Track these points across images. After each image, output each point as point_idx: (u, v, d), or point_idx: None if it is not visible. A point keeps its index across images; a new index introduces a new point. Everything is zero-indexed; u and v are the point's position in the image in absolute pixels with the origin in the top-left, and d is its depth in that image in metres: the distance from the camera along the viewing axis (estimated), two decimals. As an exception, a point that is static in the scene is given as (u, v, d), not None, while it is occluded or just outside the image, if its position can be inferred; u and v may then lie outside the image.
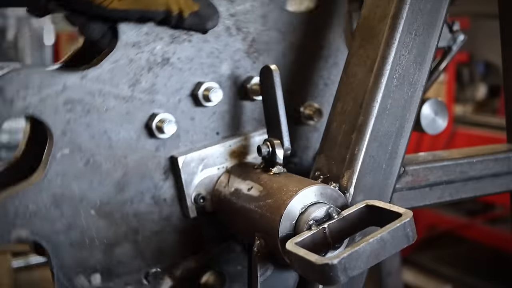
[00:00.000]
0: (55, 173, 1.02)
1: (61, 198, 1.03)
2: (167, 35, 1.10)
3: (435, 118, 1.41)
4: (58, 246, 1.03)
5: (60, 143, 1.02)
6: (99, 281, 1.07)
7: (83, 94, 1.03)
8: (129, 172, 1.09)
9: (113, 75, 1.06)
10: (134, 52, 1.08)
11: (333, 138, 1.10)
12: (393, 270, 2.01)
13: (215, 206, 1.16)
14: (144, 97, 1.09)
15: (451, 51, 1.51)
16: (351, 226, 0.96)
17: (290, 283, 1.06)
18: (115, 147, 1.07)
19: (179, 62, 1.12)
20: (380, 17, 1.09)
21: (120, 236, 1.09)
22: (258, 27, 1.20)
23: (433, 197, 1.20)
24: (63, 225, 1.03)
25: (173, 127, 1.10)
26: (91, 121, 1.05)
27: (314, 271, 0.85)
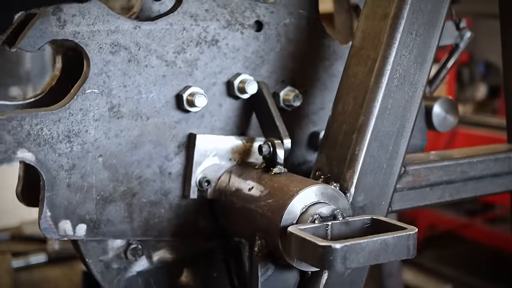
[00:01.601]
0: (79, 107, 1.03)
1: (75, 134, 1.03)
2: (224, 19, 1.14)
3: (446, 116, 1.43)
4: (56, 181, 1.02)
5: (93, 80, 1.04)
6: (83, 233, 1.06)
7: (131, 42, 1.06)
8: (146, 134, 1.10)
9: (163, 36, 1.09)
10: (190, 22, 1.11)
11: (334, 138, 1.10)
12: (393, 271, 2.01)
13: (215, 196, 1.15)
14: (184, 67, 1.12)
15: (458, 48, 1.51)
16: (353, 232, 0.96)
17: (290, 283, 1.06)
18: (142, 104, 1.09)
19: (226, 48, 1.16)
20: (381, 17, 1.09)
21: (117, 194, 1.08)
22: (303, 42, 1.25)
23: (433, 197, 1.20)
24: (68, 162, 1.03)
25: (203, 101, 1.11)
26: (129, 71, 1.07)
27: (315, 252, 0.85)
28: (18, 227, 2.39)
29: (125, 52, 1.06)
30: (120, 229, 1.10)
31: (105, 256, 1.12)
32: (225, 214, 1.15)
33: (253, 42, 1.19)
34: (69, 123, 1.02)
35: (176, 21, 1.10)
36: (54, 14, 0.99)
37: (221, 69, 1.16)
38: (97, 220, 1.07)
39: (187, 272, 1.24)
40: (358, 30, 1.14)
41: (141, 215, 1.12)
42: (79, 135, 1.03)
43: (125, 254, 1.13)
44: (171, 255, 1.19)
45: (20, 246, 2.23)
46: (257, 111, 1.19)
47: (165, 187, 1.13)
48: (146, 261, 1.16)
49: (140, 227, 1.12)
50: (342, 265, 0.85)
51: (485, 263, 5.13)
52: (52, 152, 1.01)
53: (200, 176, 1.14)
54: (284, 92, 1.22)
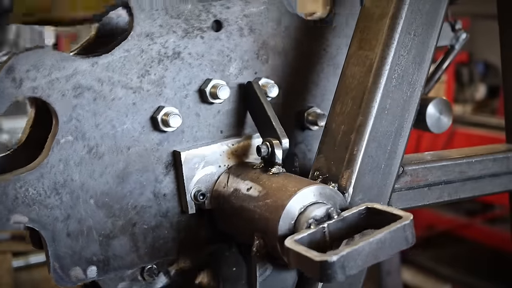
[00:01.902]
0: (58, 159, 1.02)
1: (62, 185, 1.03)
2: (180, 29, 1.11)
3: (440, 117, 1.42)
4: (55, 235, 1.02)
5: (65, 129, 1.02)
6: (94, 274, 1.07)
7: (93, 81, 1.04)
8: (131, 164, 1.09)
9: (123, 64, 1.06)
10: (147, 43, 1.08)
11: (332, 138, 1.10)
12: (392, 269, 2.02)
13: (214, 205, 1.16)
14: (152, 89, 1.10)
15: (454, 49, 1.52)
16: (350, 227, 0.96)
17: (289, 283, 1.06)
18: (119, 137, 1.07)
19: (189, 57, 1.13)
20: (379, 17, 1.09)
21: (118, 228, 1.09)
22: (270, 31, 1.21)
23: (432, 197, 1.20)
24: (62, 213, 1.03)
25: (178, 120, 1.10)
26: (98, 109, 1.05)
27: (313, 267, 0.85)
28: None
29: (89, 92, 1.03)
30: (128, 260, 1.10)
31: (123, 283, 1.13)
32: (224, 216, 1.15)
33: (216, 43, 1.16)
34: (52, 176, 1.02)
35: (132, 45, 1.07)
36: (8, 75, 0.97)
37: (189, 80, 1.13)
38: (105, 258, 1.08)
39: (206, 273, 1.25)
40: (356, 30, 1.14)
41: (146, 242, 1.12)
42: (66, 184, 1.03)
43: (142, 276, 1.15)
44: (186, 263, 1.20)
45: (21, 246, 2.24)
46: (251, 111, 1.19)
47: (163, 209, 1.13)
48: (164, 277, 1.18)
49: (147, 253, 1.12)
50: (342, 275, 0.85)
51: (484, 263, 5.14)
52: (44, 208, 1.01)
53: (194, 190, 1.13)
54: (260, 84, 1.20)
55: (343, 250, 0.85)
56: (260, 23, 1.20)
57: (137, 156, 1.09)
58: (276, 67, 1.23)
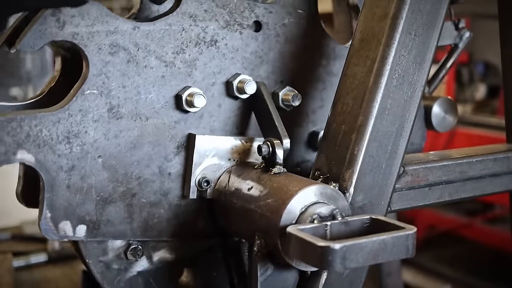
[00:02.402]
0: (78, 108, 1.03)
1: (75, 135, 1.03)
2: (223, 19, 1.15)
3: (445, 116, 1.43)
4: (56, 183, 1.02)
5: (93, 81, 1.03)
6: (83, 233, 1.06)
7: (130, 43, 1.06)
8: (146, 134, 1.10)
9: (162, 36, 1.09)
10: (189, 23, 1.12)
11: (333, 138, 1.10)
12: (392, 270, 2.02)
13: (215, 197, 1.16)
14: (183, 67, 1.12)
15: (458, 48, 1.52)
16: (352, 232, 0.96)
17: (290, 283, 1.06)
18: (141, 105, 1.09)
19: (225, 48, 1.16)
20: (380, 17, 1.10)
21: (117, 194, 1.09)
22: (302, 43, 1.25)
23: (432, 197, 1.20)
24: (67, 163, 1.03)
25: (202, 101, 1.11)
26: (128, 71, 1.07)
27: (313, 253, 0.85)
28: (19, 227, 2.39)
29: (124, 53, 1.06)
30: (120, 229, 1.10)
31: (105, 257, 1.12)
32: (225, 214, 1.15)
33: (252, 42, 1.19)
34: (68, 124, 1.02)
35: (175, 21, 1.10)
36: (53, 15, 0.99)
37: (220, 70, 1.16)
38: (97, 221, 1.07)
39: (187, 272, 1.25)
40: (357, 31, 1.14)
41: (141, 216, 1.12)
42: (79, 136, 1.03)
43: (125, 254, 1.13)
44: (171, 255, 1.19)
45: (21, 245, 2.24)
46: (256, 111, 1.19)
47: (165, 188, 1.13)
48: (147, 261, 1.17)
49: (140, 227, 1.12)
50: (341, 265, 0.85)
51: (485, 263, 5.14)
52: (52, 153, 1.01)
53: (199, 176, 1.14)
54: (283, 92, 1.22)
55: (347, 241, 0.86)
56: (295, 34, 1.23)
57: (153, 128, 1.10)
58: (301, 80, 1.26)
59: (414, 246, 0.91)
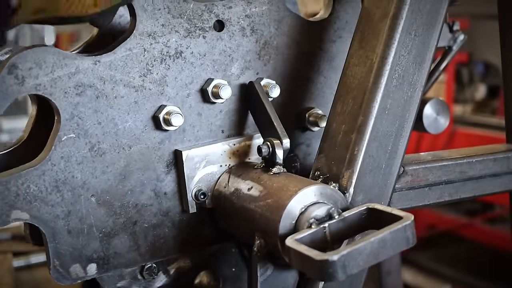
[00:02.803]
0: (59, 156, 1.02)
1: (63, 182, 1.03)
2: (182, 28, 1.12)
3: (437, 117, 1.43)
4: (56, 232, 1.03)
5: (67, 126, 1.03)
6: (94, 271, 1.07)
7: (95, 79, 1.04)
8: (132, 162, 1.09)
9: (125, 63, 1.07)
10: (149, 42, 1.09)
11: (333, 138, 1.10)
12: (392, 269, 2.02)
13: (214, 204, 1.16)
14: (154, 88, 1.10)
15: (452, 50, 1.52)
16: (351, 227, 0.96)
17: (289, 283, 1.06)
18: (121, 135, 1.08)
19: (191, 57, 1.14)
20: (380, 17, 1.10)
21: (118, 226, 1.09)
22: (271, 31, 1.22)
23: (432, 197, 1.20)
24: (62, 210, 1.03)
25: (180, 119, 1.10)
26: (100, 107, 1.05)
27: (313, 266, 0.85)
28: (19, 227, 2.39)
29: (91, 90, 1.04)
30: (129, 258, 1.11)
31: (123, 282, 1.13)
32: (225, 215, 1.15)
33: (218, 43, 1.16)
34: (53, 173, 1.02)
35: (135, 44, 1.08)
36: (10, 73, 0.97)
37: (192, 79, 1.14)
38: (105, 256, 1.08)
39: (206, 273, 1.25)
40: (357, 30, 1.14)
41: (147, 240, 1.12)
42: (67, 182, 1.03)
43: (141, 274, 1.15)
44: (185, 263, 1.20)
45: (21, 245, 2.24)
46: (252, 111, 1.19)
47: (164, 208, 1.13)
48: (164, 276, 1.18)
49: (148, 251, 1.12)
50: (343, 274, 0.85)
51: (485, 263, 5.14)
52: (45, 205, 1.01)
53: (195, 189, 1.14)
54: (262, 84, 1.20)
55: (344, 250, 0.85)
56: (262, 23, 1.20)
57: (139, 155, 1.10)
58: (277, 67, 1.23)
59: (414, 235, 0.90)
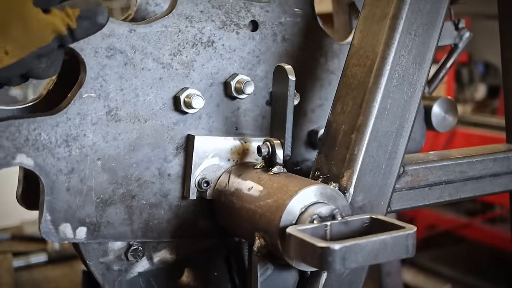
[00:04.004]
0: (76, 112, 1.03)
1: (74, 138, 1.03)
2: (219, 20, 1.15)
3: (445, 116, 1.44)
4: (55, 186, 1.02)
5: (90, 85, 1.04)
6: (83, 236, 1.06)
7: (127, 46, 1.06)
8: (144, 136, 1.10)
9: (159, 38, 1.10)
10: (185, 24, 1.12)
11: (333, 138, 1.10)
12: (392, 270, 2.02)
13: (215, 201, 1.16)
14: (180, 69, 1.12)
15: (457, 48, 1.52)
16: (352, 232, 0.96)
17: (290, 283, 1.06)
18: (140, 107, 1.09)
19: (222, 48, 1.16)
20: (380, 17, 1.10)
21: (117, 196, 1.09)
22: (300, 42, 1.24)
23: (432, 197, 1.20)
24: (66, 166, 1.03)
25: (200, 102, 1.11)
26: (126, 74, 1.07)
27: (313, 254, 0.86)
28: (19, 227, 2.39)
29: (121, 56, 1.06)
30: (120, 231, 1.10)
31: (106, 258, 1.12)
32: (225, 215, 1.15)
33: (249, 42, 1.19)
34: (67, 127, 1.02)
35: (171, 23, 1.10)
36: None
37: (217, 70, 1.16)
38: (97, 222, 1.07)
39: (187, 272, 1.25)
40: (357, 31, 1.14)
41: (141, 217, 1.12)
42: (77, 139, 1.03)
43: (125, 255, 1.14)
44: (171, 255, 1.19)
45: (21, 246, 2.24)
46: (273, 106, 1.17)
47: (165, 189, 1.14)
48: (147, 262, 1.17)
49: (140, 228, 1.12)
50: (341, 265, 0.85)
51: (485, 263, 5.14)
52: (51, 156, 1.01)
53: (199, 177, 1.14)
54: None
55: (347, 242, 0.86)
56: (292, 33, 1.23)
57: (152, 130, 1.11)
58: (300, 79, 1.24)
59: (414, 246, 0.91)
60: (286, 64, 1.08)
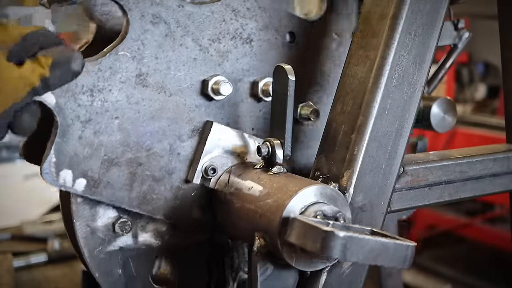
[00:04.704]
0: (108, 66, 1.05)
1: (99, 90, 1.05)
2: (262, 21, 1.20)
3: (444, 116, 1.44)
4: (69, 130, 1.03)
5: (129, 44, 1.06)
6: (81, 188, 1.06)
7: (172, 19, 1.10)
8: (166, 109, 1.12)
9: (203, 21, 1.13)
10: (230, 16, 1.16)
11: (332, 138, 1.10)
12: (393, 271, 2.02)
13: (215, 198, 1.16)
14: (215, 56, 1.16)
15: (457, 48, 1.52)
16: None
17: (289, 283, 1.06)
18: (168, 80, 1.11)
19: (258, 49, 1.20)
20: (380, 17, 1.10)
21: (124, 159, 1.09)
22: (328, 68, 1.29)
23: (432, 197, 1.20)
24: (85, 115, 1.04)
25: (228, 88, 1.14)
26: (164, 45, 1.10)
27: (316, 237, 0.86)
28: (19, 227, 2.39)
29: (165, 26, 1.09)
30: (118, 195, 1.10)
31: (93, 223, 1.11)
32: (224, 214, 1.15)
33: (283, 51, 1.23)
34: (96, 77, 1.04)
35: (218, 11, 1.14)
36: None
37: (249, 68, 1.19)
38: (98, 179, 1.07)
39: (166, 263, 1.24)
40: (357, 30, 1.14)
41: (141, 187, 1.12)
42: (102, 92, 1.05)
43: (113, 226, 1.13)
44: (156, 240, 1.19)
45: (21, 246, 2.24)
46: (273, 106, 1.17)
47: (171, 166, 1.14)
48: (131, 239, 1.16)
49: (137, 198, 1.12)
50: (342, 254, 0.86)
51: (485, 263, 5.14)
52: (73, 101, 1.03)
53: (207, 163, 1.15)
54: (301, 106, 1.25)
55: (352, 233, 0.87)
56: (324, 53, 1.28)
57: (174, 106, 1.12)
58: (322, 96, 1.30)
59: (411, 258, 0.92)
60: (286, 64, 1.08)
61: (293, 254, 0.98)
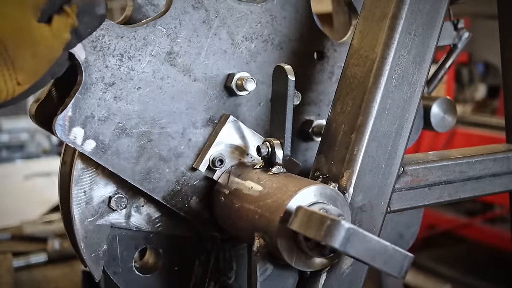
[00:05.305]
0: (143, 36, 1.08)
1: (129, 57, 1.07)
2: (295, 34, 1.24)
3: (444, 116, 1.44)
4: (90, 89, 1.04)
5: (167, 21, 1.10)
6: (89, 149, 1.06)
7: (213, 8, 1.14)
8: (187, 92, 1.13)
9: (241, 17, 1.17)
10: (267, 20, 1.20)
11: (332, 138, 1.10)
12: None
13: (214, 198, 1.16)
14: (245, 54, 1.19)
15: (457, 48, 1.52)
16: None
17: (289, 283, 1.06)
18: (196, 65, 1.14)
19: (287, 57, 1.23)
20: (379, 17, 1.10)
21: (136, 131, 1.10)
22: None
23: (432, 197, 1.20)
24: (110, 77, 1.05)
25: (252, 84, 1.16)
26: (199, 31, 1.13)
27: (320, 224, 0.87)
28: (19, 227, 2.39)
29: (204, 13, 1.12)
30: (123, 165, 1.10)
31: (90, 192, 1.12)
32: (224, 214, 1.15)
33: (308, 66, 1.25)
34: (129, 44, 1.06)
35: (256, 12, 1.18)
36: None
37: None
38: (107, 145, 1.08)
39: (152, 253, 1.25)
40: (357, 30, 1.14)
41: (147, 163, 1.12)
42: (132, 60, 1.07)
43: (109, 200, 1.13)
44: (148, 224, 1.19)
45: (21, 246, 2.24)
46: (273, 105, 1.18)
47: (180, 150, 1.14)
48: (123, 217, 1.16)
49: (141, 173, 1.12)
50: (342, 245, 0.86)
51: (484, 263, 5.14)
52: (102, 61, 1.04)
53: (216, 154, 1.16)
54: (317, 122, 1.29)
55: (357, 227, 0.87)
56: None
57: (196, 92, 1.14)
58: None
59: (406, 270, 0.92)
60: (285, 64, 1.09)
61: (293, 254, 0.98)
